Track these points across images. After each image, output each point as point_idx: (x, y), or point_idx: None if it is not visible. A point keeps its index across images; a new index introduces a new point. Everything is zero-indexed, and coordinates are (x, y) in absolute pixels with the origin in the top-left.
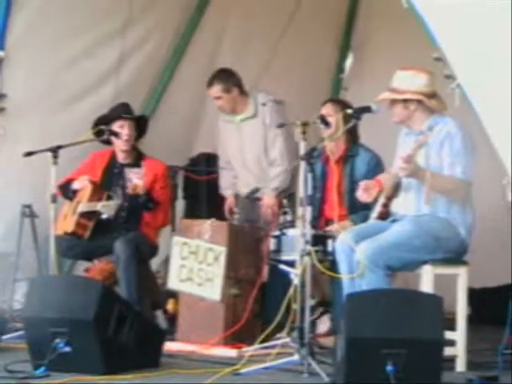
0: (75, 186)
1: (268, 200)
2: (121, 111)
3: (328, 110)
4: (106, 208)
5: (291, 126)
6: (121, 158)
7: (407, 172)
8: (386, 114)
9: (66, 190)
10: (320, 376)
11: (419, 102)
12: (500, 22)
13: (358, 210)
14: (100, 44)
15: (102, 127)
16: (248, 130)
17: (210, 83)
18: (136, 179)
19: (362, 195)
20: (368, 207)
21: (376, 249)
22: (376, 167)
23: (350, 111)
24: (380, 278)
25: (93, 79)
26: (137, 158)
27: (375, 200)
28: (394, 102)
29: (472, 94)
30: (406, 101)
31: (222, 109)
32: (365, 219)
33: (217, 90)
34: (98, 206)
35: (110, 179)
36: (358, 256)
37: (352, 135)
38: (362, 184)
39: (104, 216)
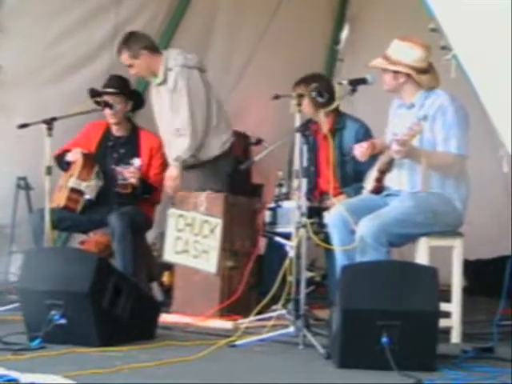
0: (68, 157)
1: (170, 172)
2: (111, 85)
3: (300, 90)
4: (88, 189)
5: (286, 97)
6: (114, 129)
7: (402, 154)
8: (379, 82)
9: (61, 162)
10: (315, 348)
11: (408, 75)
12: None
13: (349, 183)
14: (94, 16)
15: (96, 99)
16: (162, 96)
17: (119, 52)
18: (129, 176)
19: (357, 152)
20: (359, 179)
21: (379, 226)
22: (364, 137)
23: (345, 82)
24: (382, 255)
25: (87, 51)
26: (131, 130)
27: (368, 160)
28: (385, 70)
29: (468, 64)
30: (396, 72)
31: (139, 75)
32: (358, 192)
33: (125, 57)
34: (82, 185)
35: (104, 152)
36: (360, 233)
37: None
38: (357, 145)
39: (86, 196)
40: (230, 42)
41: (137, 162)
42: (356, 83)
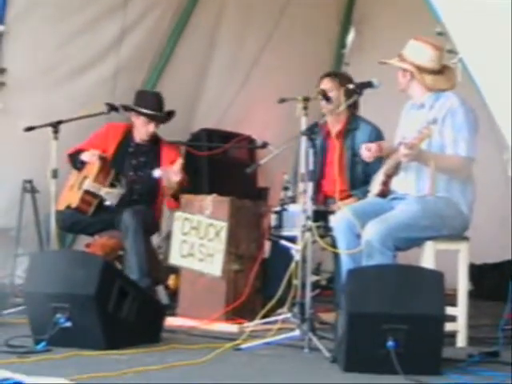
0: (84, 157)
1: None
2: (151, 107)
3: (326, 85)
4: (110, 196)
5: (292, 101)
6: (138, 137)
7: (410, 158)
8: (388, 86)
9: (75, 160)
10: (321, 351)
11: (412, 73)
12: None
13: (358, 185)
14: (101, 18)
15: (129, 105)
16: None
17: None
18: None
19: (364, 152)
20: (368, 182)
21: (385, 230)
22: (377, 140)
23: (351, 86)
24: (389, 259)
25: (94, 54)
26: (154, 141)
27: (374, 161)
28: (397, 69)
29: (474, 68)
30: (405, 70)
31: None
32: (366, 195)
33: None
34: (102, 191)
35: (122, 157)
36: (366, 237)
37: (353, 109)
38: (365, 145)
39: (107, 203)
40: (236, 45)
41: (157, 172)
42: (362, 87)
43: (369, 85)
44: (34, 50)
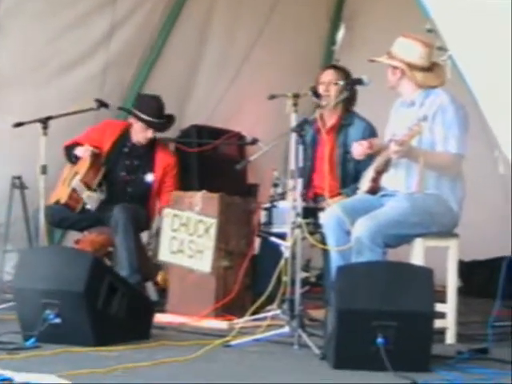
0: (78, 152)
1: None
2: (151, 113)
3: (330, 76)
4: (90, 200)
5: (282, 97)
6: (134, 138)
7: (400, 155)
8: (378, 83)
9: (69, 154)
10: (310, 348)
11: (403, 71)
12: None
13: (349, 182)
14: (90, 13)
15: (129, 109)
16: None
17: None
18: None
19: (355, 149)
20: (359, 179)
21: (375, 227)
22: (370, 137)
23: (341, 83)
24: (379, 256)
25: (83, 49)
26: (150, 144)
27: (364, 159)
28: (387, 66)
29: (463, 65)
30: (394, 67)
31: None
32: (355, 193)
33: None
34: (84, 194)
35: (117, 156)
36: (356, 234)
37: (348, 104)
38: (356, 143)
39: (87, 206)
40: (227, 41)
41: (150, 177)
42: (352, 84)
43: (359, 82)
44: (23, 45)
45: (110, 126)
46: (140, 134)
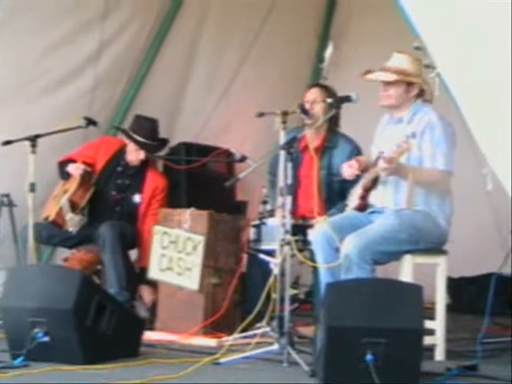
0: (69, 169)
1: None
2: (145, 134)
3: (314, 95)
4: (71, 222)
5: (271, 115)
6: (128, 157)
7: (388, 172)
8: (366, 100)
9: (62, 170)
10: (300, 365)
11: (398, 82)
12: (479, 11)
13: (335, 201)
14: (79, 32)
15: (123, 129)
16: None
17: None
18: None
19: (346, 171)
20: (345, 196)
21: (364, 244)
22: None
23: (330, 100)
24: (367, 273)
25: (72, 68)
26: (142, 164)
27: (355, 179)
28: (394, 83)
29: (451, 83)
30: (410, 84)
31: None
32: (342, 211)
33: None
34: (68, 216)
35: (109, 175)
36: (345, 251)
37: (333, 124)
38: (346, 164)
39: (69, 229)
40: (215, 59)
41: (137, 198)
42: (340, 101)
43: (347, 99)
44: (12, 63)
45: (106, 143)
46: (132, 154)
